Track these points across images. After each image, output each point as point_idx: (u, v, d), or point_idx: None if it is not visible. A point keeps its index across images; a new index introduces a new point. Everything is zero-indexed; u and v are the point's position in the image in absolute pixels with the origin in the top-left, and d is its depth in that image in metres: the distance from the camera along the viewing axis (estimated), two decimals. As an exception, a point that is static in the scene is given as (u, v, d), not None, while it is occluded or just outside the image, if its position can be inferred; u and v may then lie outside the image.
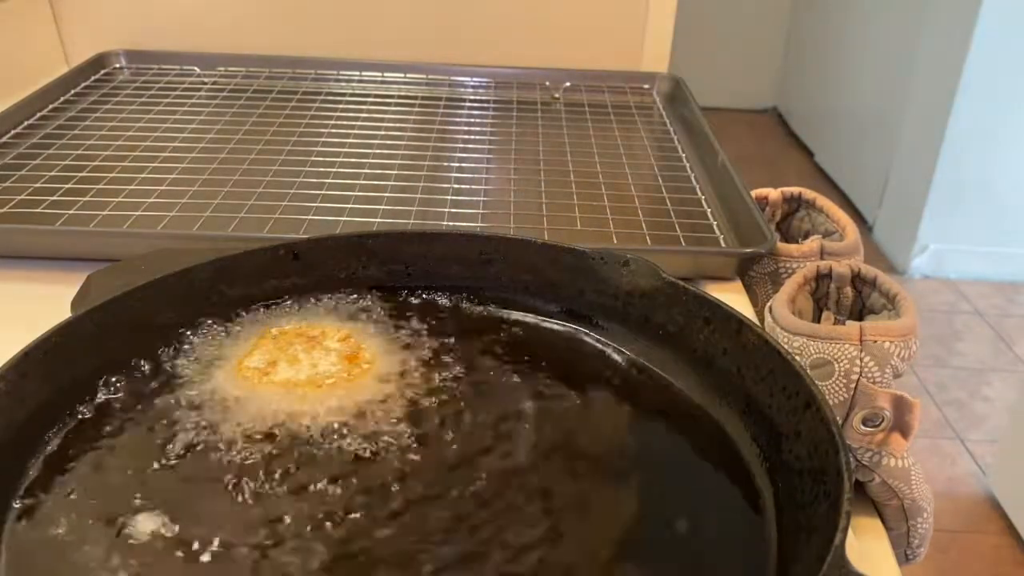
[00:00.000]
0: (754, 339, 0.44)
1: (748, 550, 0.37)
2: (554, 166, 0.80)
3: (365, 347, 0.48)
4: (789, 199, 0.66)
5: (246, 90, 0.97)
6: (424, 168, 0.79)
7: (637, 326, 0.51)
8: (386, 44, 1.06)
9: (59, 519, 0.37)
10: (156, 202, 0.69)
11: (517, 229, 0.68)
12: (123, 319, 0.47)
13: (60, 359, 0.43)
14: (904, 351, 0.46)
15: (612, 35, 1.07)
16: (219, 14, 1.05)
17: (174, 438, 0.42)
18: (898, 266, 2.43)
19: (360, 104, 0.94)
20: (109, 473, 0.40)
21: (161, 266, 0.49)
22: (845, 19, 2.89)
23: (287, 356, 0.47)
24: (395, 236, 0.55)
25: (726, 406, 0.45)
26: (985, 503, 1.64)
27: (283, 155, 0.79)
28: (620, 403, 0.46)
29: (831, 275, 0.53)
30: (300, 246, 0.53)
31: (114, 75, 0.99)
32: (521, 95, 0.99)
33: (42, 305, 0.48)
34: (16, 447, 0.40)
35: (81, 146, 0.79)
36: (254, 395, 0.44)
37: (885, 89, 2.57)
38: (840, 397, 0.45)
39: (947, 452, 1.77)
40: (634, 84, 1.02)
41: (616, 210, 0.71)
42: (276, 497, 0.39)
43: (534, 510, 0.39)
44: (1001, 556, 1.54)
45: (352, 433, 0.42)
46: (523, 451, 0.42)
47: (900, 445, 0.46)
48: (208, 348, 0.48)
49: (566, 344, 0.51)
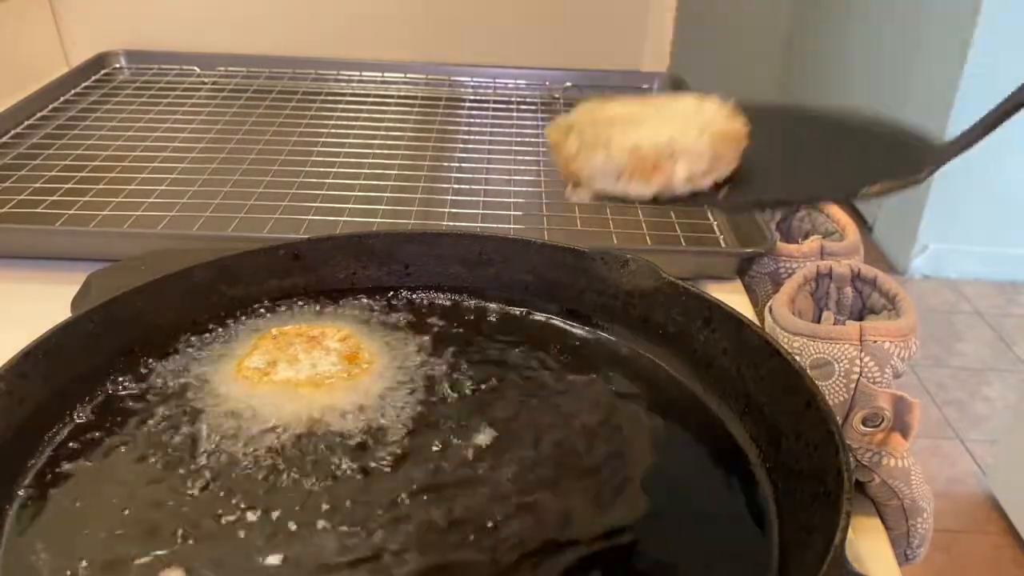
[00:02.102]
0: (754, 339, 0.44)
1: (748, 550, 0.37)
2: (554, 166, 0.80)
3: (365, 347, 0.48)
4: (789, 199, 0.66)
5: (246, 90, 0.97)
6: (424, 168, 0.78)
7: (637, 326, 0.51)
8: (386, 44, 1.06)
9: (58, 519, 0.37)
10: (156, 202, 0.69)
11: (517, 229, 0.68)
12: (123, 319, 0.47)
13: (60, 359, 0.43)
14: (904, 351, 0.46)
15: (612, 35, 1.07)
16: (219, 14, 1.05)
17: (174, 438, 0.42)
18: (898, 266, 2.43)
19: (360, 104, 0.94)
20: (109, 473, 0.40)
21: (161, 266, 0.50)
22: (845, 19, 2.89)
23: (287, 356, 0.47)
24: (395, 236, 0.55)
25: (726, 406, 0.45)
26: (985, 503, 1.64)
27: (283, 155, 0.79)
28: (620, 403, 0.46)
29: (831, 275, 0.53)
30: (300, 246, 0.53)
31: (114, 75, 0.99)
32: (521, 95, 0.99)
33: (42, 305, 0.48)
34: (16, 447, 0.40)
35: (81, 146, 0.79)
36: (254, 395, 0.44)
37: (885, 89, 2.57)
38: (840, 397, 0.45)
39: (947, 452, 1.77)
40: (634, 84, 1.02)
41: (616, 210, 0.71)
42: (276, 497, 0.39)
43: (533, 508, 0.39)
44: (1001, 556, 1.54)
45: (352, 433, 0.42)
46: (522, 450, 0.42)
47: (900, 445, 0.46)
48: (208, 348, 0.48)
49: (567, 344, 0.51)
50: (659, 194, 0.33)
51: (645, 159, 0.32)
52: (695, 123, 0.33)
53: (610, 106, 0.35)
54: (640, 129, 0.33)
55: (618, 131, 0.33)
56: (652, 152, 0.32)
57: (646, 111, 0.35)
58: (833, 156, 0.38)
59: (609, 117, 0.34)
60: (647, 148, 0.32)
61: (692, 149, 0.32)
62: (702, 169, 0.33)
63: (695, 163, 0.32)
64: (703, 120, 0.33)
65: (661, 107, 0.35)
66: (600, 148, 0.33)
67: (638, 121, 0.34)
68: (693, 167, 0.32)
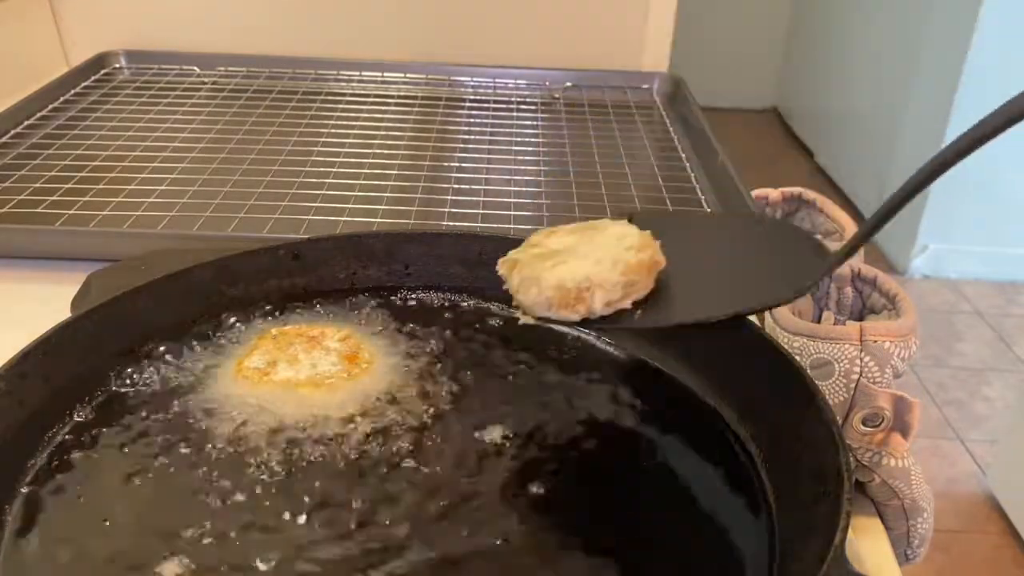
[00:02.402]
0: (754, 339, 0.44)
1: (748, 550, 0.37)
2: (554, 166, 0.80)
3: (365, 347, 0.48)
4: (789, 199, 0.66)
5: (246, 90, 0.97)
6: (424, 168, 0.79)
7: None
8: (386, 44, 1.06)
9: (59, 518, 0.37)
10: (156, 202, 0.69)
11: (517, 229, 0.68)
12: (123, 319, 0.47)
13: (60, 359, 0.43)
14: (904, 351, 0.46)
15: (612, 35, 1.07)
16: (219, 14, 1.05)
17: (174, 438, 0.42)
18: (898, 266, 2.43)
19: (360, 104, 0.94)
20: (109, 473, 0.40)
21: (161, 266, 0.49)
22: (845, 19, 2.89)
23: (287, 356, 0.47)
24: (395, 236, 0.55)
25: (726, 406, 0.45)
26: (985, 503, 1.64)
27: (283, 155, 0.79)
28: (620, 402, 0.46)
29: (831, 275, 0.53)
30: (300, 246, 0.53)
31: (114, 75, 0.99)
32: (521, 95, 0.99)
33: (42, 305, 0.48)
34: (16, 447, 0.40)
35: (81, 146, 0.79)
36: (254, 395, 0.44)
37: (885, 89, 2.57)
38: (840, 397, 0.45)
39: (947, 452, 1.77)
40: (634, 84, 1.02)
41: (616, 210, 0.71)
42: (275, 496, 0.39)
43: (533, 507, 0.39)
44: (1001, 556, 1.54)
45: (352, 432, 0.42)
46: (524, 449, 0.42)
47: (900, 445, 0.46)
48: (208, 348, 0.48)
49: (567, 343, 0.51)
50: (586, 317, 0.39)
51: (568, 293, 0.39)
52: (613, 254, 0.40)
53: (550, 240, 0.42)
54: (567, 264, 0.40)
55: (548, 268, 0.40)
56: (574, 287, 0.39)
57: (579, 242, 0.42)
58: (741, 269, 0.44)
59: (544, 253, 0.41)
60: (569, 284, 0.39)
61: (607, 281, 0.39)
62: (618, 296, 0.39)
63: (610, 293, 0.39)
64: (622, 249, 0.40)
65: (591, 238, 0.42)
66: (533, 285, 0.40)
67: (569, 254, 0.41)
68: (609, 296, 0.39)
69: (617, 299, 0.39)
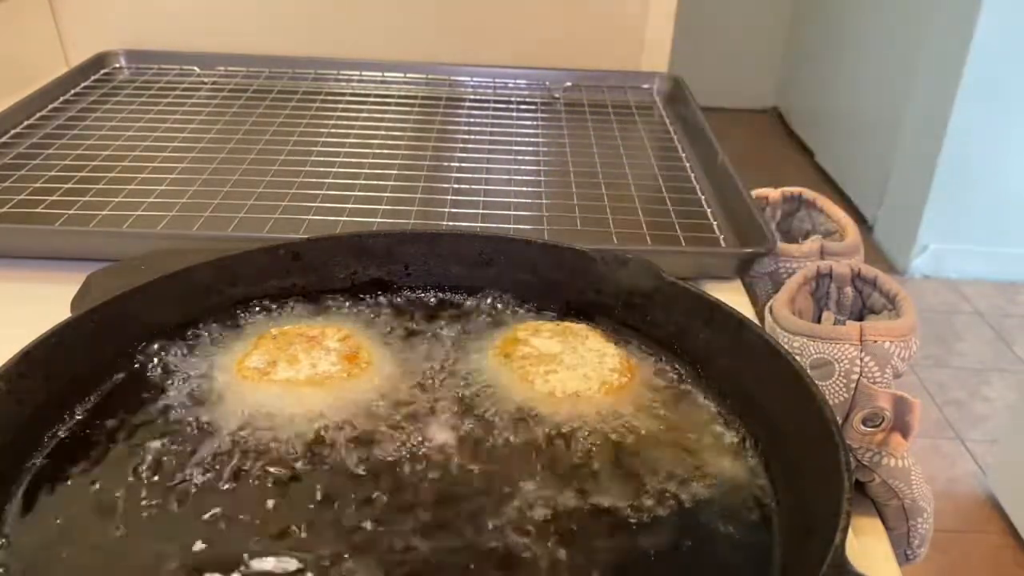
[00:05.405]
0: (754, 339, 0.44)
1: (748, 550, 0.37)
2: (554, 166, 0.80)
3: (364, 347, 0.48)
4: (789, 199, 0.66)
5: (246, 90, 0.97)
6: (424, 168, 0.79)
7: (637, 326, 0.51)
8: (386, 44, 1.06)
9: (60, 518, 0.37)
10: (156, 202, 0.69)
11: (517, 229, 0.68)
12: (123, 319, 0.47)
13: (60, 359, 0.43)
14: (904, 351, 0.46)
15: (612, 35, 1.07)
16: (219, 14, 1.05)
17: (174, 438, 0.42)
18: (898, 266, 2.43)
19: (360, 104, 0.94)
20: (109, 473, 0.40)
21: (161, 266, 0.49)
22: (845, 19, 2.89)
23: (287, 356, 0.47)
24: (395, 236, 0.55)
25: (726, 406, 0.45)
26: (985, 503, 1.64)
27: (283, 155, 0.79)
28: (620, 402, 0.46)
29: (831, 275, 0.53)
30: (300, 246, 0.53)
31: (114, 75, 0.99)
32: (521, 95, 0.99)
33: (42, 305, 0.48)
34: (16, 447, 0.40)
35: (81, 146, 0.79)
36: (254, 395, 0.44)
37: (885, 89, 2.57)
38: (840, 397, 0.45)
39: (947, 452, 1.77)
40: (634, 84, 1.02)
41: (616, 210, 0.71)
42: (275, 496, 0.39)
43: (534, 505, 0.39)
44: (1001, 556, 1.54)
45: (352, 432, 0.42)
46: (524, 449, 0.42)
47: (900, 445, 0.46)
48: (208, 348, 0.48)
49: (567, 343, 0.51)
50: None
51: (559, 402, 0.45)
52: (601, 375, 0.46)
53: (537, 341, 0.48)
54: (558, 375, 0.46)
55: (541, 374, 0.46)
56: (563, 397, 0.45)
57: (563, 350, 0.48)
58: None
59: (535, 357, 0.47)
60: (559, 395, 0.45)
61: (592, 399, 0.45)
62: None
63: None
64: (606, 371, 0.46)
65: (574, 347, 0.48)
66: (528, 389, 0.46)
67: (557, 363, 0.47)
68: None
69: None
